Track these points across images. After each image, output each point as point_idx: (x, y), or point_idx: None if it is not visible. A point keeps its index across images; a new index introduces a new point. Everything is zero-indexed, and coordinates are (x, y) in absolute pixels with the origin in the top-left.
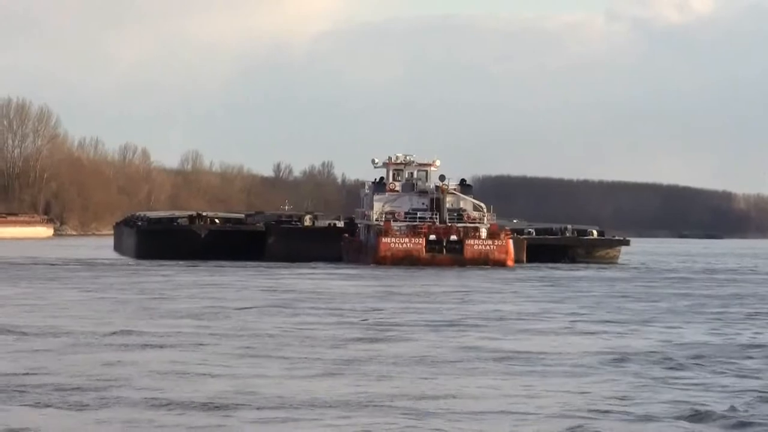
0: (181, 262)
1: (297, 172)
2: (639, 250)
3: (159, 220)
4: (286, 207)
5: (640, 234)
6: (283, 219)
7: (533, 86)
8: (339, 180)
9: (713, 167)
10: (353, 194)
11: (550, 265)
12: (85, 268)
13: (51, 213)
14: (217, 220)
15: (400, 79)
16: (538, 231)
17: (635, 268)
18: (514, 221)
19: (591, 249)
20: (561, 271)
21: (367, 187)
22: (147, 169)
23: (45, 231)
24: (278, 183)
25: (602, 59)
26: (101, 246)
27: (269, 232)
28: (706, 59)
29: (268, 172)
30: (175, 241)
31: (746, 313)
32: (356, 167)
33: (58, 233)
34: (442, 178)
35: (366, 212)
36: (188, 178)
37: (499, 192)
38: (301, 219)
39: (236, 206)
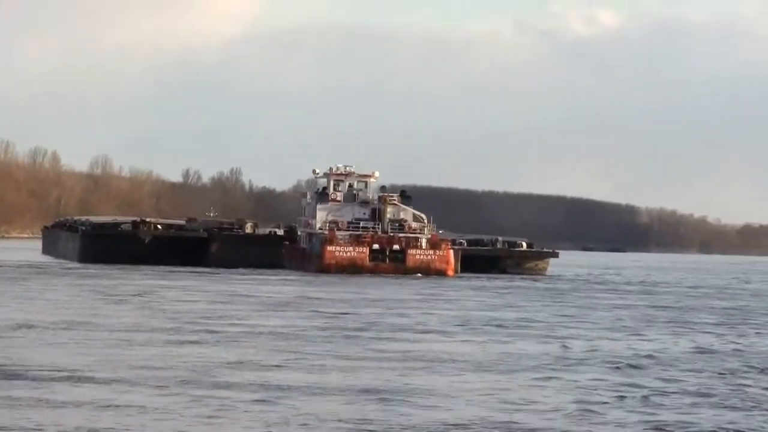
0: (129, 267)
1: (205, 178)
2: (555, 262)
3: (102, 225)
4: (212, 214)
5: (544, 246)
6: (225, 226)
7: (440, 96)
8: (246, 187)
9: (617, 181)
10: (261, 201)
11: (487, 275)
12: (41, 272)
13: None
14: (159, 226)
15: (309, 87)
16: (469, 242)
17: (571, 279)
18: (440, 232)
19: (521, 260)
20: (507, 282)
21: (309, 196)
22: (57, 172)
23: None
24: (187, 188)
25: (509, 71)
26: (23, 249)
27: (212, 239)
28: (612, 73)
29: (177, 177)
30: (119, 246)
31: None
32: (263, 174)
33: None
34: (383, 189)
35: (309, 221)
36: (98, 183)
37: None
38: (242, 226)
39: (146, 211)
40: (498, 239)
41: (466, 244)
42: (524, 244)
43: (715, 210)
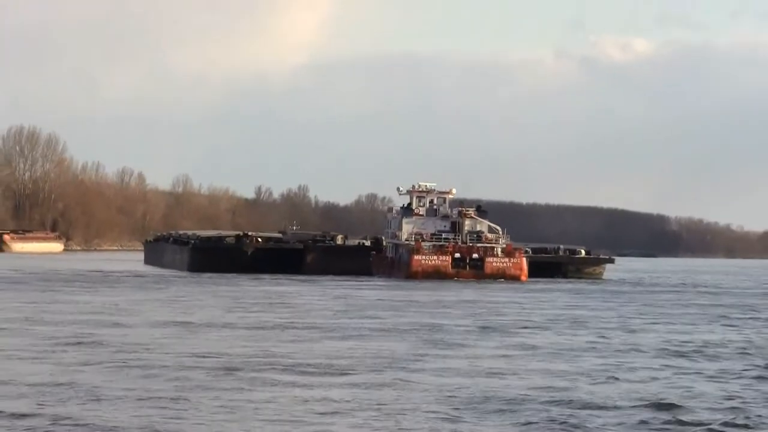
0: (237, 275)
1: (276, 195)
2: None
3: (209, 238)
4: (294, 227)
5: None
6: (318, 238)
7: (484, 119)
8: (313, 202)
9: (649, 193)
10: (326, 215)
11: (553, 279)
12: (168, 281)
13: (58, 230)
14: (260, 239)
15: (369, 110)
16: (533, 250)
17: (627, 281)
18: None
19: (581, 266)
20: (578, 284)
21: (395, 211)
22: (143, 191)
23: (57, 246)
24: (259, 204)
25: (550, 95)
26: (125, 260)
27: (308, 250)
28: (644, 95)
29: (250, 194)
30: (225, 257)
31: None
32: (328, 191)
33: (66, 249)
34: (461, 203)
35: (396, 233)
36: (180, 200)
37: None
38: (333, 238)
39: (223, 225)
40: (560, 247)
41: (531, 252)
42: (583, 251)
43: (739, 218)
